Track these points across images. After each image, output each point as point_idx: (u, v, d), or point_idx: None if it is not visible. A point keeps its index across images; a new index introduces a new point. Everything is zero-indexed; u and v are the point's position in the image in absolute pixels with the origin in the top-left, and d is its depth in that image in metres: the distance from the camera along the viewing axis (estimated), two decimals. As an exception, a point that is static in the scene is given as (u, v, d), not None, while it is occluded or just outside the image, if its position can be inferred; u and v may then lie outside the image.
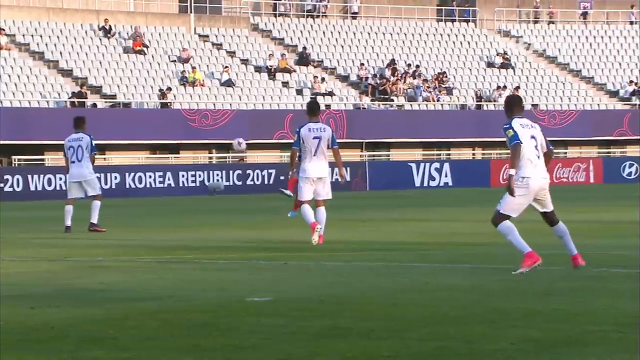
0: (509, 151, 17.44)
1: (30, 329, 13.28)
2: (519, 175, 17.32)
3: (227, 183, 57.15)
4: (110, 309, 14.73)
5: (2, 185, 52.76)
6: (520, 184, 17.32)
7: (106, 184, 50.19)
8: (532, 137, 17.53)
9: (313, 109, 24.55)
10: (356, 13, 74.62)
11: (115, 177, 51.57)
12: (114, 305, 15.15)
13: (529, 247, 17.60)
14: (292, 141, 36.46)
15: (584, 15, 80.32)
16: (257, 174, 58.21)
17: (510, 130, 17.29)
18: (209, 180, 57.05)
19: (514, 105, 18.00)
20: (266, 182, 57.76)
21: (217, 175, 57.62)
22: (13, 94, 58.43)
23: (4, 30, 61.70)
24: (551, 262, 18.65)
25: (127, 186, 53.85)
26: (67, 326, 13.25)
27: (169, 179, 56.33)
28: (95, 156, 29.93)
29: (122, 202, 44.24)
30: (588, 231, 25.79)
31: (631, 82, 73.99)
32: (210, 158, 62.05)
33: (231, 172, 58.30)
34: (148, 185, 55.41)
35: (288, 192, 30.63)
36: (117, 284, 17.80)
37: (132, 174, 55.04)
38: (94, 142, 29.30)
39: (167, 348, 11.64)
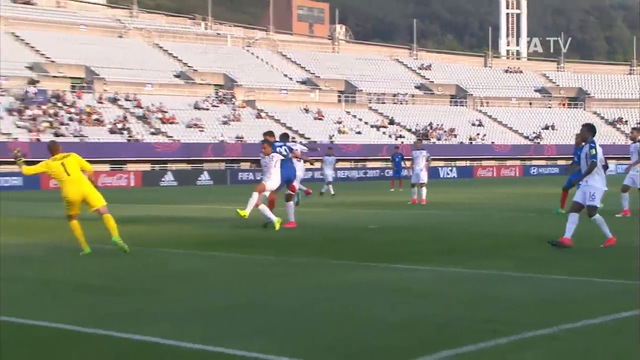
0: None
1: (246, 239, 12.54)
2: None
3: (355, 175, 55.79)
4: (303, 232, 13.98)
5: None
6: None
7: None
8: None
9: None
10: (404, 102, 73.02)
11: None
12: (303, 230, 14.26)
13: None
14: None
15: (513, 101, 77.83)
16: (368, 172, 57.03)
17: (594, 150, 10.64)
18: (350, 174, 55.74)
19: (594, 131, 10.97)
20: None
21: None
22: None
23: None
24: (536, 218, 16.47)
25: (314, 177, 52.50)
26: (280, 239, 12.59)
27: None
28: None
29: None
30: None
31: (534, 132, 71.86)
32: (350, 163, 60.65)
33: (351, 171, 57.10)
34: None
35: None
36: (309, 220, 16.60)
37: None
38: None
39: (326, 251, 11.00)
